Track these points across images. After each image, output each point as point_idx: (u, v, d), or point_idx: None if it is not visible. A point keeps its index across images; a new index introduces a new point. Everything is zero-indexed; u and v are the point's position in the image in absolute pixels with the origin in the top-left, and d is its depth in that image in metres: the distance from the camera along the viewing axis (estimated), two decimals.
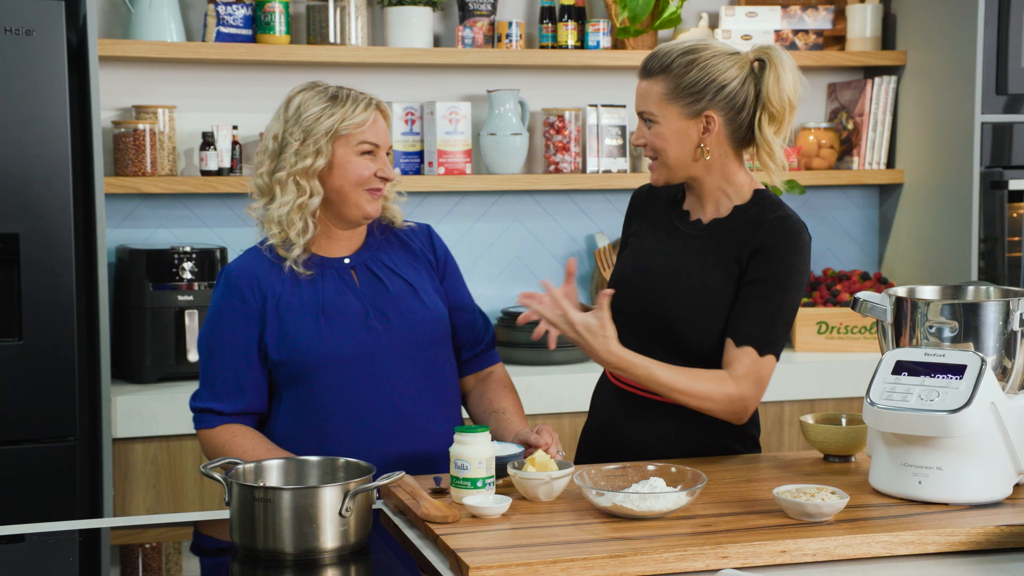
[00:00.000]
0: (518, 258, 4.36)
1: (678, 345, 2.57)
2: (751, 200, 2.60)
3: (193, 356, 3.69)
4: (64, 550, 2.33)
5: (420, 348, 2.62)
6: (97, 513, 3.54)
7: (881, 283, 4.38)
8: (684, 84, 2.52)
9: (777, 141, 2.55)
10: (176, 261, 3.70)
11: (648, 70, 2.58)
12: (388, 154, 2.67)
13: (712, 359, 2.56)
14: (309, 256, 2.62)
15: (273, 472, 2.27)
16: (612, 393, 2.70)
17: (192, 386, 3.62)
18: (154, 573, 2.27)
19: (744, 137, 2.57)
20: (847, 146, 4.50)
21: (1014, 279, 4.22)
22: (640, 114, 2.60)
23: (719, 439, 2.63)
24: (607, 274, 4.23)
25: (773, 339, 2.52)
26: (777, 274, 2.52)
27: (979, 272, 4.18)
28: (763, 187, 2.64)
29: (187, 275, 3.70)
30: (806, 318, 4.21)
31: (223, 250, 3.79)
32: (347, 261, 2.64)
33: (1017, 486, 2.35)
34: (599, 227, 4.39)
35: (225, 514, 2.43)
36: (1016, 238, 4.23)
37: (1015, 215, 4.22)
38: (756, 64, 2.56)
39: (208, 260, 3.74)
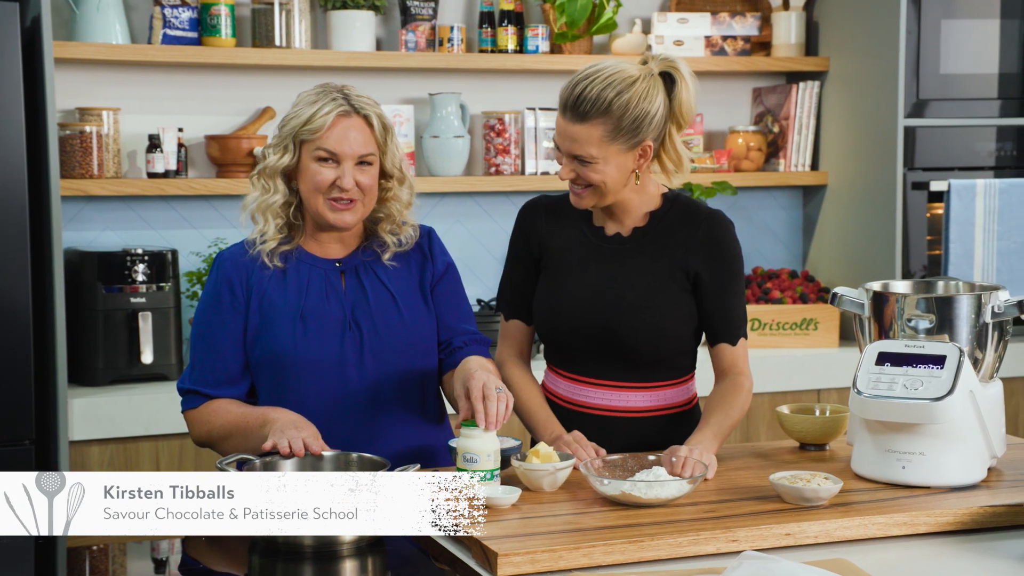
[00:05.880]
0: (460, 259, 4.35)
1: (630, 357, 2.66)
2: (663, 204, 2.68)
3: (147, 358, 3.68)
4: (19, 555, 2.30)
5: (388, 360, 2.60)
6: None
7: (809, 280, 4.54)
8: (625, 124, 2.51)
9: (684, 147, 2.63)
10: (128, 263, 3.69)
11: (582, 113, 2.50)
12: (367, 163, 2.55)
13: (658, 363, 2.66)
14: (299, 254, 2.63)
15: (287, 468, 2.30)
16: (559, 411, 2.73)
17: (146, 388, 3.66)
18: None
19: (658, 150, 2.62)
20: (773, 148, 4.65)
21: (934, 275, 4.40)
22: (573, 156, 2.54)
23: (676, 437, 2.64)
24: None
25: (746, 320, 2.70)
26: (734, 267, 2.66)
27: (902, 269, 4.36)
28: (667, 188, 2.72)
29: (140, 277, 3.69)
30: None
31: (174, 252, 3.79)
32: (338, 264, 2.64)
33: (990, 469, 2.49)
34: None
35: None
36: (933, 236, 4.42)
37: (929, 215, 4.41)
38: (664, 78, 2.57)
39: (160, 262, 3.74)
